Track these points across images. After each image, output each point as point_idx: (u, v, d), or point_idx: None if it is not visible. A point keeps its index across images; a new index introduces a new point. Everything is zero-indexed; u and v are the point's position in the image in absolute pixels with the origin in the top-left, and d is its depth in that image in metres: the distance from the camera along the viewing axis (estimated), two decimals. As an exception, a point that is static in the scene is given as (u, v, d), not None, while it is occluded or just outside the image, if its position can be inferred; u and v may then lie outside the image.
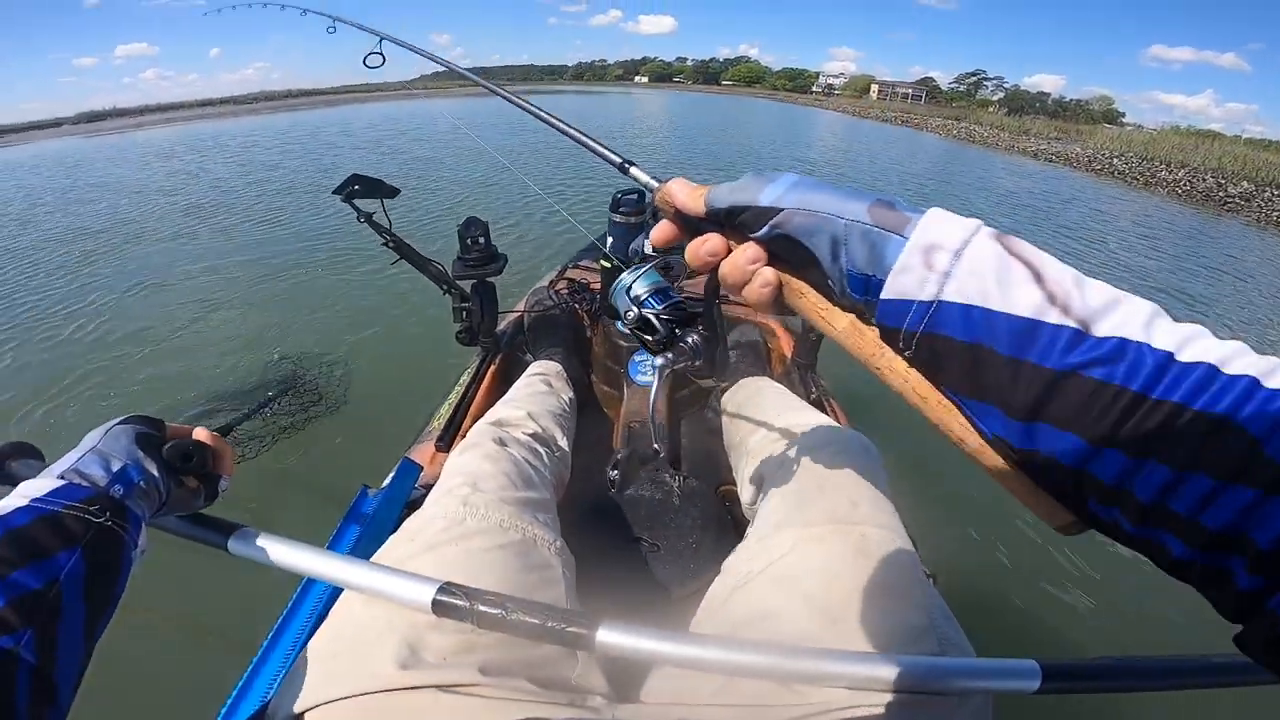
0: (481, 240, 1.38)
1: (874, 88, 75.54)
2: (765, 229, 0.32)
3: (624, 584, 0.87)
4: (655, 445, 0.53)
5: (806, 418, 0.92)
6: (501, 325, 1.59)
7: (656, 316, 0.49)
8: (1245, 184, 11.34)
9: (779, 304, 0.35)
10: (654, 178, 0.43)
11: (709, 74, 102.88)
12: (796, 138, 16.54)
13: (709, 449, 1.21)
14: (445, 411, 1.22)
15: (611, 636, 0.46)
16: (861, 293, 0.30)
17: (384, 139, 12.48)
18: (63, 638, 0.35)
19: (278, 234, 5.11)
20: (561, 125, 0.59)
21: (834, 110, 35.04)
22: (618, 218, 1.38)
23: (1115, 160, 14.25)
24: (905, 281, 0.27)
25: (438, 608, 0.47)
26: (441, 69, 1.02)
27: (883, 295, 0.28)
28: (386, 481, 0.83)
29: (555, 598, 0.61)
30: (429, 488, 0.75)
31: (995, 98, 72.81)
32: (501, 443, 0.81)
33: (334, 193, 1.21)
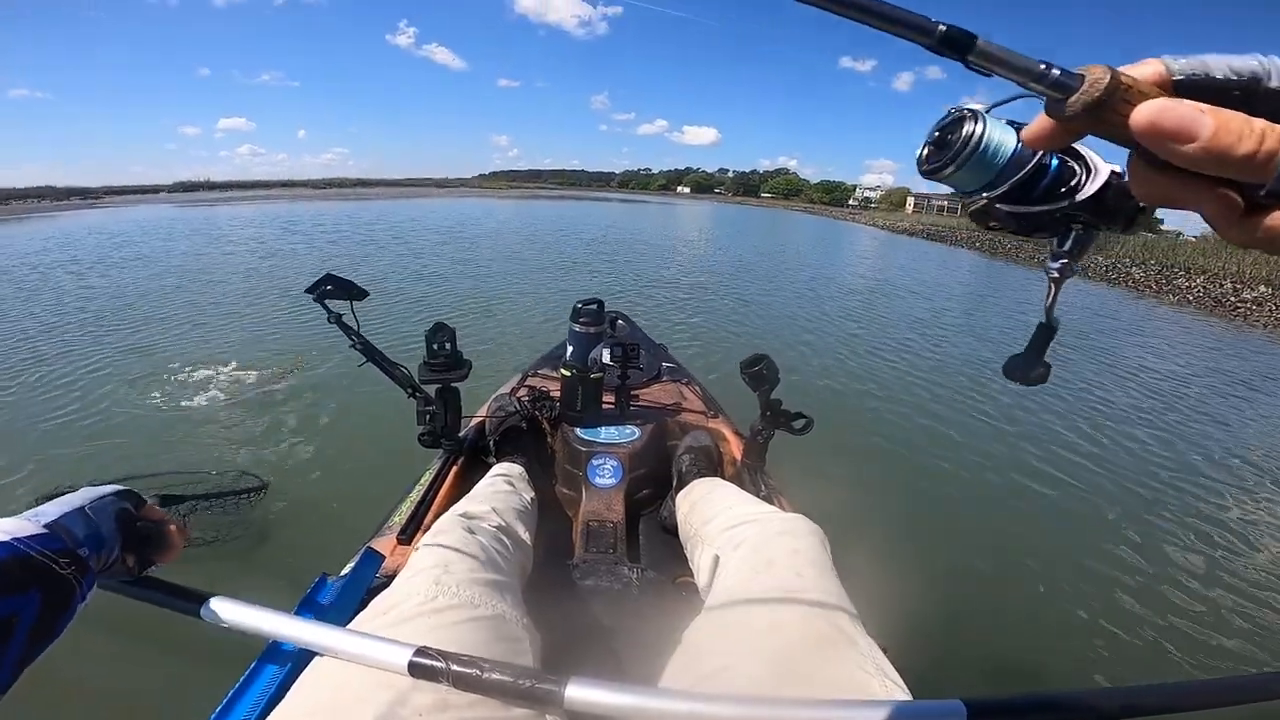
0: (448, 346, 1.42)
1: (910, 200, 79.09)
2: None
3: (586, 665, 0.87)
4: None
5: (757, 508, 0.98)
6: (464, 430, 1.62)
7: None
8: (1262, 288, 10.56)
9: None
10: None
11: (748, 186, 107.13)
12: (831, 264, 14.15)
13: (666, 544, 1.24)
14: (407, 508, 1.22)
15: (580, 691, 0.50)
16: None
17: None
18: (2, 665, 0.39)
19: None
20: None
21: (866, 225, 33.95)
22: (578, 327, 1.49)
23: (1134, 270, 13.40)
24: None
25: (414, 669, 0.49)
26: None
27: None
28: (347, 569, 0.83)
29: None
30: (390, 578, 0.76)
31: (1032, 205, 78.84)
32: (470, 531, 0.84)
33: (306, 291, 1.25)
